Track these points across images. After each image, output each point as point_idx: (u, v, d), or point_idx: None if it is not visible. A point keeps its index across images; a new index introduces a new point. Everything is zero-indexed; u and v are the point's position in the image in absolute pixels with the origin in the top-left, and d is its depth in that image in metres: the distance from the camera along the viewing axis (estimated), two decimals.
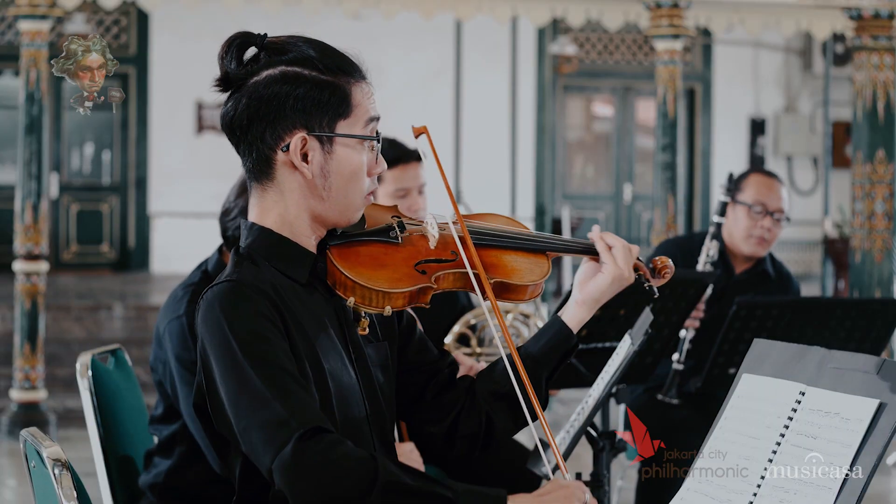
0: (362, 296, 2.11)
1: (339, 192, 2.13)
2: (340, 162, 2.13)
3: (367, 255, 2.16)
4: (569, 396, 8.33)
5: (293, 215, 2.14)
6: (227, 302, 2.04)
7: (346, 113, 2.13)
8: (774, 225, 4.36)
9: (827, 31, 9.03)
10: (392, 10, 8.47)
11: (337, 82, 2.13)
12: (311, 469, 1.93)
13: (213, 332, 2.03)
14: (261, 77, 2.12)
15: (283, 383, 1.99)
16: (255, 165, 2.15)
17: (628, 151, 14.98)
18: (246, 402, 1.98)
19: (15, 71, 11.71)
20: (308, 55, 2.14)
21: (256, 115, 2.11)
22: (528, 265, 2.24)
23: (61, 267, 12.72)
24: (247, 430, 1.98)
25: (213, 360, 2.03)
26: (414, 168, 3.97)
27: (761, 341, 2.10)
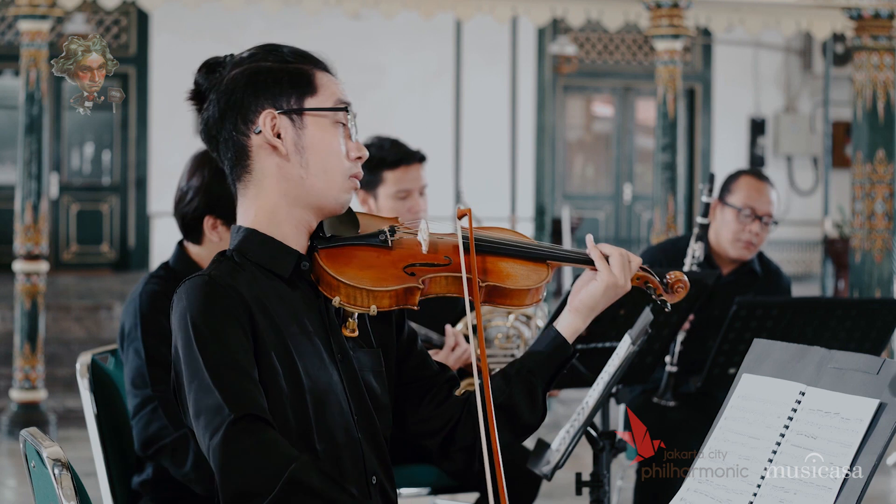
0: (347, 295, 2.14)
1: (318, 168, 2.16)
2: (313, 136, 2.17)
3: (355, 258, 2.19)
4: (569, 396, 8.34)
5: (273, 203, 2.17)
6: (192, 295, 2.10)
7: (313, 91, 2.18)
8: (762, 229, 4.33)
9: (827, 31, 9.03)
10: (392, 10, 8.46)
11: (300, 67, 2.19)
12: (233, 454, 2.00)
13: (179, 325, 2.11)
14: (227, 76, 2.19)
15: (227, 374, 2.05)
16: (233, 164, 2.19)
17: (628, 151, 14.98)
18: (195, 389, 2.06)
19: (15, 71, 11.71)
20: (270, 51, 2.21)
21: (227, 107, 2.17)
22: (526, 271, 2.26)
23: (61, 267, 12.73)
24: (195, 415, 2.06)
25: (180, 351, 2.10)
26: (416, 169, 3.97)
27: (761, 341, 2.11)
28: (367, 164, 2.45)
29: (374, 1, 8.37)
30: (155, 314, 3.13)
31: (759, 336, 2.67)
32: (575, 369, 3.46)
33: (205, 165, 3.22)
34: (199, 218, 3.21)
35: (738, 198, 4.33)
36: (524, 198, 13.62)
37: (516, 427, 2.26)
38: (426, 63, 13.46)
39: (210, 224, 3.20)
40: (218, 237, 3.20)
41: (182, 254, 3.27)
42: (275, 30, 12.59)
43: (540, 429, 2.37)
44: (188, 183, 3.23)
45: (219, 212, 3.19)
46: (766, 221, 4.32)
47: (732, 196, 4.35)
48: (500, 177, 13.19)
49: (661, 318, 3.53)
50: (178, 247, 3.29)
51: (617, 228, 14.86)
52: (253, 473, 1.99)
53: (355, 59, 12.75)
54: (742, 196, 4.32)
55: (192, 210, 3.21)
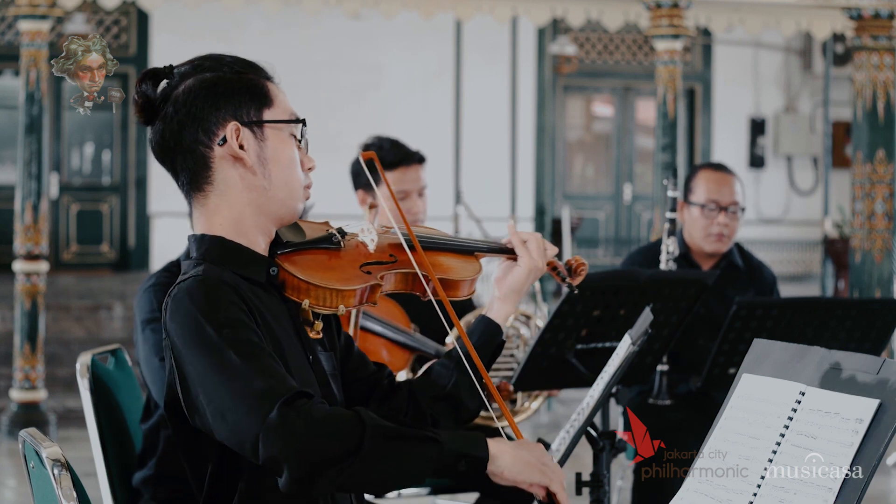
0: (317, 296, 2.18)
1: (279, 179, 2.19)
2: (275, 149, 2.19)
3: (314, 260, 2.23)
4: (569, 396, 8.33)
5: (238, 213, 2.18)
6: (197, 294, 2.08)
7: (269, 102, 2.20)
8: (731, 219, 4.32)
9: (827, 31, 9.03)
10: (392, 10, 8.46)
11: (251, 77, 2.21)
12: (299, 431, 1.96)
13: (186, 323, 2.06)
14: (179, 90, 2.18)
15: (262, 359, 2.03)
16: (192, 175, 2.18)
17: (628, 151, 14.98)
18: (226, 380, 2.01)
19: (15, 71, 11.71)
20: (216, 61, 2.21)
21: (186, 119, 2.16)
22: (461, 264, 2.39)
23: (61, 267, 12.72)
24: (229, 409, 2.00)
25: (185, 352, 2.05)
26: (415, 170, 3.97)
27: (761, 341, 2.11)
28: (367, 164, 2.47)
29: (374, 1, 8.37)
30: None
31: (759, 336, 2.67)
32: (575, 369, 3.46)
33: None
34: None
35: (699, 194, 4.33)
36: (524, 198, 13.62)
37: (460, 414, 2.35)
38: (426, 63, 13.46)
39: None
40: None
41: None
42: (275, 30, 12.60)
43: (540, 429, 2.38)
44: None
45: None
46: (734, 210, 4.32)
47: (694, 194, 4.35)
48: (500, 177, 13.19)
49: (661, 318, 3.53)
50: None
51: (617, 228, 14.86)
52: (329, 440, 1.97)
53: (355, 59, 12.75)
54: (703, 191, 4.33)
55: None
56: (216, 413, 2.02)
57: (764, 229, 14.44)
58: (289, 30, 12.36)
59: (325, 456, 1.97)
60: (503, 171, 13.20)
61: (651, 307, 2.90)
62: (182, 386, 2.07)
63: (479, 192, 12.68)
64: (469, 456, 2.07)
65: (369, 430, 1.99)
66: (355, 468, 1.98)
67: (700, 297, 3.65)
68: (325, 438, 1.97)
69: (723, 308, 4.15)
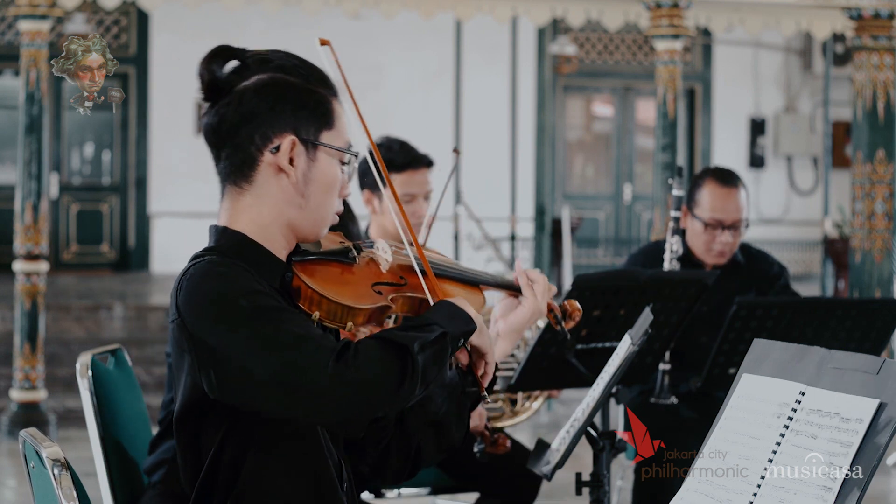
0: (327, 310, 2.15)
1: (316, 201, 2.18)
2: (321, 171, 2.18)
3: (328, 273, 2.21)
4: (569, 396, 8.33)
5: (268, 220, 2.17)
6: (214, 271, 2.07)
7: (331, 124, 2.19)
8: (734, 235, 4.26)
9: (827, 31, 9.03)
10: (392, 10, 8.46)
11: (322, 93, 2.20)
12: (356, 376, 1.99)
13: (207, 299, 2.05)
14: (250, 82, 2.17)
15: (297, 325, 2.03)
16: (236, 167, 2.17)
17: (628, 151, 14.98)
18: (272, 343, 2.00)
19: (15, 71, 11.71)
20: (293, 64, 2.20)
21: (248, 117, 2.15)
22: (467, 294, 2.36)
23: (61, 267, 12.72)
24: (279, 371, 1.99)
25: (212, 327, 2.03)
26: (423, 174, 3.96)
27: (761, 341, 2.11)
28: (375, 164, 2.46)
29: (374, 1, 8.37)
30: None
31: (759, 336, 2.66)
32: (575, 369, 3.46)
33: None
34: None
35: (703, 209, 4.24)
36: (524, 198, 13.62)
37: (442, 442, 2.32)
38: (426, 63, 13.45)
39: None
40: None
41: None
42: (275, 30, 12.60)
43: (540, 429, 2.39)
44: None
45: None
46: (737, 227, 4.26)
47: (699, 207, 4.26)
48: (500, 177, 13.19)
49: (661, 318, 3.53)
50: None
51: (617, 228, 14.86)
52: (386, 369, 2.02)
53: (355, 59, 12.75)
54: (707, 207, 4.23)
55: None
56: (264, 378, 2.00)
57: (764, 229, 14.44)
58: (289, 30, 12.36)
59: (385, 394, 2.02)
60: (503, 171, 13.20)
61: (651, 307, 2.90)
62: (209, 364, 2.04)
63: (479, 192, 12.68)
64: (468, 332, 2.16)
65: (413, 356, 2.04)
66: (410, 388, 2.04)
67: (700, 297, 3.65)
68: (380, 375, 2.01)
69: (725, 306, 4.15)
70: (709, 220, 4.23)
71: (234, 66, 2.19)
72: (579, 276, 3.48)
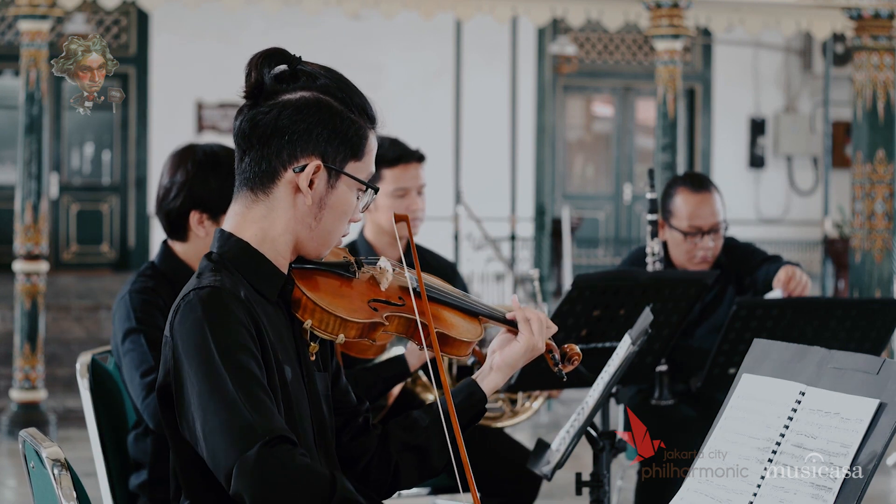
0: (320, 320, 2.17)
1: (326, 226, 2.20)
2: (338, 199, 2.20)
3: (326, 284, 2.23)
4: (569, 396, 8.33)
5: (277, 233, 2.19)
6: (209, 307, 2.08)
7: (359, 155, 2.21)
8: (714, 239, 4.20)
9: (827, 31, 9.03)
10: (392, 10, 8.47)
11: (360, 123, 2.21)
12: (271, 477, 1.98)
13: (192, 335, 2.07)
14: (294, 96, 2.18)
15: (255, 392, 2.04)
16: (256, 175, 2.18)
17: (628, 151, 14.98)
18: (215, 405, 2.03)
19: (15, 71, 11.70)
20: (339, 88, 2.21)
21: (282, 130, 2.16)
22: (466, 324, 2.36)
23: (61, 267, 12.72)
24: (212, 432, 2.02)
25: (186, 362, 2.07)
26: (414, 168, 3.96)
27: (761, 341, 2.11)
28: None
29: (374, 1, 8.37)
30: (147, 307, 3.13)
31: (759, 336, 2.67)
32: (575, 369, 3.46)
33: (187, 161, 3.22)
34: (184, 214, 3.21)
35: (680, 219, 4.19)
36: (524, 198, 13.62)
37: (424, 469, 2.32)
38: (426, 63, 13.45)
39: (196, 219, 3.20)
40: (204, 232, 3.19)
41: (168, 253, 3.26)
42: (275, 30, 12.59)
43: (540, 429, 2.39)
44: (171, 179, 3.23)
45: (204, 206, 3.18)
46: (717, 230, 4.20)
47: (675, 218, 4.21)
48: (500, 177, 13.19)
49: (661, 318, 3.53)
50: (164, 246, 3.29)
51: (617, 228, 14.86)
52: (297, 493, 2.00)
53: (355, 59, 12.74)
54: (684, 216, 4.18)
55: (178, 206, 3.20)
56: (202, 431, 2.04)
57: (764, 229, 14.44)
58: (289, 30, 12.35)
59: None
60: (503, 171, 13.20)
61: (651, 307, 2.90)
62: (177, 391, 2.09)
63: (479, 192, 12.68)
64: None
65: (337, 498, 2.01)
66: None
67: (700, 296, 3.65)
68: (293, 491, 1.99)
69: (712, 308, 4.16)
70: (687, 228, 4.18)
71: (281, 70, 2.20)
72: (579, 276, 3.48)
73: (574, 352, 2.46)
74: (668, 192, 4.29)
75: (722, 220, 4.22)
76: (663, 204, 4.26)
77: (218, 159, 3.22)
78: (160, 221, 3.28)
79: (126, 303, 3.16)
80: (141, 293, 3.16)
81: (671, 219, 4.23)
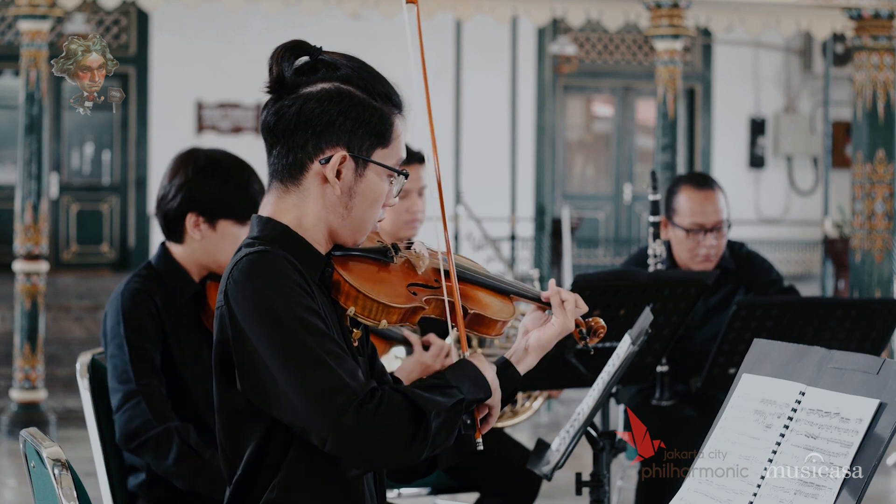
0: (363, 307, 2.18)
1: (359, 214, 2.21)
2: (368, 186, 2.21)
3: (366, 270, 2.24)
4: (569, 396, 8.33)
5: (310, 222, 2.20)
6: (264, 271, 2.09)
7: (386, 142, 2.23)
8: (717, 237, 4.20)
9: (827, 31, 9.03)
10: (392, 10, 8.47)
11: (385, 110, 2.23)
12: (371, 441, 2.03)
13: (255, 298, 2.08)
14: (315, 88, 2.19)
15: (337, 350, 2.06)
16: (285, 168, 2.20)
17: (628, 151, 14.98)
18: (296, 368, 2.04)
19: (15, 71, 11.71)
20: (361, 77, 2.24)
21: (305, 123, 2.17)
22: (499, 304, 2.38)
23: (61, 267, 12.72)
24: (297, 397, 2.03)
25: (252, 326, 2.07)
26: (415, 170, 3.96)
27: (761, 341, 2.11)
28: None
29: (374, 1, 8.37)
30: (137, 311, 3.14)
31: (759, 336, 2.67)
32: (575, 369, 3.46)
33: (188, 164, 3.24)
34: (181, 216, 3.22)
35: (683, 217, 4.20)
36: (524, 198, 13.61)
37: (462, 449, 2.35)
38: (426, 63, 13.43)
39: (192, 222, 3.21)
40: (199, 235, 3.20)
41: (165, 254, 3.27)
42: (275, 30, 12.58)
43: (540, 429, 2.40)
44: (170, 182, 3.25)
45: (201, 209, 3.19)
46: (719, 228, 4.20)
47: (678, 215, 4.22)
48: (500, 177, 13.19)
49: (661, 318, 3.53)
50: (161, 247, 3.30)
51: (617, 228, 14.86)
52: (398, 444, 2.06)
53: None
54: (686, 213, 4.20)
55: (175, 208, 3.22)
56: (282, 396, 2.05)
57: (764, 229, 14.44)
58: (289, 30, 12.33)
59: (392, 455, 2.07)
60: (503, 170, 13.20)
61: (651, 307, 2.90)
62: (240, 357, 2.09)
63: (479, 191, 12.68)
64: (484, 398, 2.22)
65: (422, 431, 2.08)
66: (417, 453, 2.09)
67: (700, 297, 3.65)
68: (393, 440, 2.05)
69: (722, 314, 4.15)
70: (689, 225, 4.19)
71: (302, 62, 2.21)
72: (579, 275, 3.48)
73: (599, 325, 2.48)
74: (671, 190, 4.30)
75: (725, 219, 4.22)
76: (667, 202, 4.27)
77: (219, 164, 3.23)
78: (159, 222, 3.29)
79: (118, 304, 3.17)
80: (134, 296, 3.17)
81: (674, 216, 4.23)
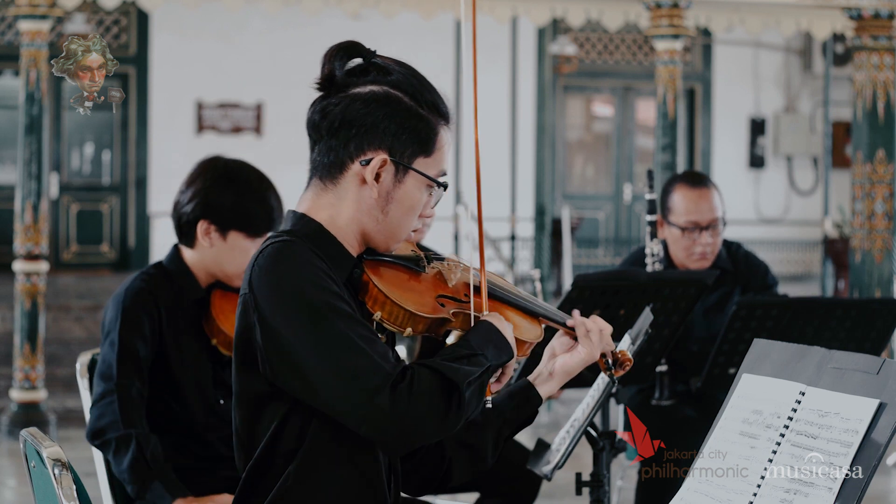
0: (390, 312, 2.18)
1: (394, 220, 2.22)
2: (406, 193, 2.21)
3: (396, 277, 2.24)
4: (569, 396, 8.33)
5: (344, 223, 2.20)
6: (291, 257, 2.10)
7: (429, 151, 2.23)
8: (713, 235, 4.19)
9: (827, 31, 9.03)
10: (392, 10, 8.47)
11: (431, 119, 2.24)
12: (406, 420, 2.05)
13: (281, 286, 2.09)
14: (364, 90, 2.20)
15: (368, 334, 2.08)
16: (325, 166, 2.21)
17: (628, 151, 14.98)
18: (329, 351, 2.05)
19: (15, 71, 11.71)
20: (411, 84, 2.24)
21: (349, 123, 2.18)
22: (527, 325, 2.36)
23: (61, 267, 12.72)
24: (331, 377, 2.05)
25: (281, 312, 2.07)
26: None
27: (761, 341, 2.11)
28: None
29: (374, 1, 8.37)
30: (137, 310, 3.15)
31: (759, 336, 2.67)
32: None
33: (206, 171, 3.25)
34: (193, 222, 3.22)
35: (678, 216, 4.19)
36: (524, 198, 13.61)
37: (476, 465, 2.35)
38: (426, 63, 13.42)
39: (203, 229, 3.21)
40: (209, 243, 3.21)
41: (176, 255, 3.28)
42: (275, 30, 12.60)
43: (540, 429, 2.41)
44: (188, 187, 3.26)
45: (213, 218, 3.20)
46: (715, 226, 4.20)
47: (673, 214, 4.21)
48: (500, 177, 13.19)
49: (661, 318, 3.53)
50: (174, 249, 3.31)
51: (617, 228, 14.86)
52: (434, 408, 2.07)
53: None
54: (682, 212, 4.19)
55: (189, 213, 3.22)
56: (316, 380, 2.06)
57: (764, 229, 14.44)
58: (289, 30, 12.36)
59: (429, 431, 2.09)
60: (503, 170, 13.20)
61: (651, 307, 2.90)
62: (269, 345, 2.09)
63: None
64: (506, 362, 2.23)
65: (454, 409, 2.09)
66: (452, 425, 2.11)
67: (700, 296, 3.65)
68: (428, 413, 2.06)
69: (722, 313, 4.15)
70: (685, 223, 4.18)
71: (355, 64, 2.22)
72: (579, 275, 3.48)
73: (626, 357, 2.46)
74: (666, 189, 4.30)
75: (720, 217, 4.21)
76: (662, 201, 4.27)
77: (237, 175, 3.24)
78: (173, 224, 3.29)
79: (119, 300, 3.18)
80: (136, 294, 3.18)
81: (669, 215, 4.23)
